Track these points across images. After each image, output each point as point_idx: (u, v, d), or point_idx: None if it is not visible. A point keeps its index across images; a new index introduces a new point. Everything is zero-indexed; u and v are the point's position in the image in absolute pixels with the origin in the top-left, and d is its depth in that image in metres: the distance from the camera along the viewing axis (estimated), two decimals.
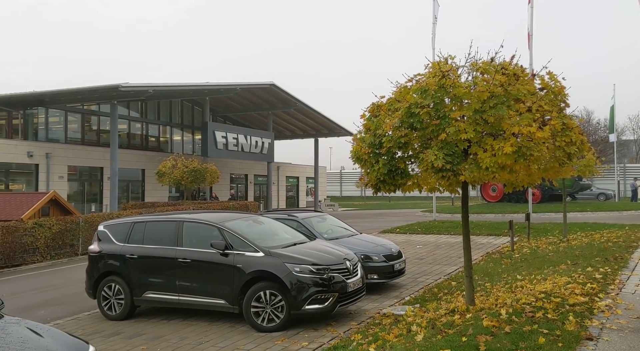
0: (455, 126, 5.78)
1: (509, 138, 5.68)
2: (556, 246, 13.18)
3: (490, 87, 5.78)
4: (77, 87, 25.52)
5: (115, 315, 8.84)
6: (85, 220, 18.31)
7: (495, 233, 18.18)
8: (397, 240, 15.55)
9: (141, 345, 7.39)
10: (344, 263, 8.15)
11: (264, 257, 7.91)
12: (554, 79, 6.21)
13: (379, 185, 6.65)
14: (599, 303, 6.45)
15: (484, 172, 5.80)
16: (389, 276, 10.08)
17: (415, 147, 6.33)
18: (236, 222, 8.77)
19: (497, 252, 13.89)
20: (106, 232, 9.36)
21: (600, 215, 24.90)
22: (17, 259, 15.89)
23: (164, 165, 25.93)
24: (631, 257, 10.47)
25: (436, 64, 6.18)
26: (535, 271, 9.56)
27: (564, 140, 5.94)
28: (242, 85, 32.09)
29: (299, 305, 7.56)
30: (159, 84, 28.13)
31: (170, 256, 8.51)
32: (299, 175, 47.31)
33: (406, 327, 6.47)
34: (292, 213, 11.17)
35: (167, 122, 36.14)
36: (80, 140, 30.72)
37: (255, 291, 7.78)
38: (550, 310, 6.05)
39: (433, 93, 5.90)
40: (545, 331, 5.28)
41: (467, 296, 6.95)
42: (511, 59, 6.25)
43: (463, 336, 5.36)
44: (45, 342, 4.11)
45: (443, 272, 11.68)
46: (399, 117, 6.09)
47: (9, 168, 26.40)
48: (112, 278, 8.96)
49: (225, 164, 36.22)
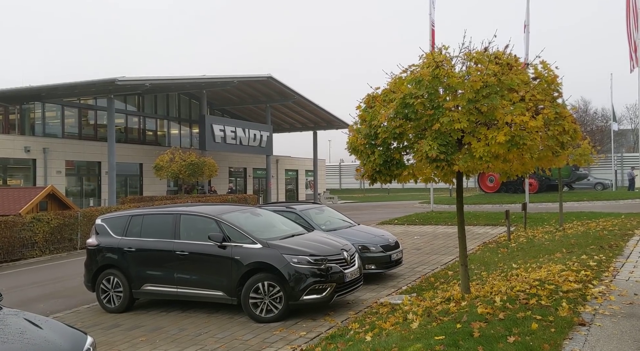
0: (449, 116, 5.82)
1: (502, 128, 5.72)
2: (552, 235, 13.26)
3: (483, 77, 5.82)
4: (73, 82, 25.45)
5: (114, 308, 8.91)
6: (83, 214, 18.36)
7: (493, 223, 18.26)
8: (395, 231, 15.63)
9: (140, 337, 7.46)
10: (342, 253, 8.21)
11: (261, 248, 7.96)
12: (547, 68, 6.25)
13: (375, 175, 6.70)
14: (593, 290, 6.52)
15: (478, 162, 5.85)
16: (386, 266, 10.15)
17: (410, 138, 6.37)
18: (234, 214, 8.82)
19: (493, 242, 13.97)
20: (104, 225, 9.40)
21: (597, 204, 25.00)
22: (16, 254, 15.94)
23: (162, 159, 25.94)
24: (626, 244, 10.55)
25: (430, 55, 6.21)
26: (530, 260, 9.64)
27: (557, 129, 5.99)
28: (239, 78, 32.02)
29: (297, 296, 7.63)
30: (155, 77, 28.05)
31: (168, 249, 8.56)
32: (298, 168, 47.29)
33: (402, 315, 6.55)
34: (290, 206, 11.23)
35: (165, 116, 36.07)
36: (77, 135, 30.66)
37: (253, 282, 7.84)
38: (544, 296, 6.12)
39: (427, 83, 5.94)
40: (539, 317, 5.35)
41: (463, 284, 7.03)
42: (505, 49, 6.29)
43: (458, 323, 5.43)
44: (44, 333, 4.16)
45: (440, 262, 11.76)
46: (394, 107, 6.12)
47: (7, 164, 26.38)
48: (110, 271, 9.01)
49: (224, 158, 36.22)
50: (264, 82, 33.84)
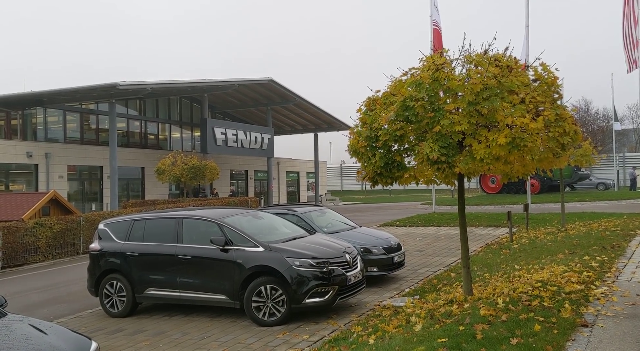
0: (450, 118, 5.83)
1: (502, 130, 5.73)
2: (554, 236, 13.25)
3: (483, 79, 5.84)
4: (75, 86, 25.52)
5: (117, 312, 8.92)
6: (85, 219, 18.39)
7: (495, 224, 18.24)
8: (397, 233, 15.64)
9: (144, 341, 7.47)
10: (344, 256, 8.22)
11: (264, 251, 7.97)
12: (547, 70, 6.26)
13: (376, 178, 6.72)
14: (595, 291, 6.52)
15: (479, 163, 5.86)
16: (388, 268, 10.15)
17: (411, 140, 6.39)
18: (235, 217, 8.83)
19: (496, 243, 13.96)
20: (106, 230, 9.43)
21: (599, 205, 24.97)
22: (19, 259, 15.98)
23: (163, 163, 25.99)
24: (629, 245, 10.54)
25: (430, 58, 6.23)
26: (533, 261, 9.63)
27: (557, 131, 6.00)
28: (240, 81, 32.09)
29: (299, 299, 7.63)
30: (156, 81, 28.13)
31: (171, 253, 8.58)
32: (299, 170, 47.33)
33: (405, 318, 6.55)
34: (292, 208, 11.24)
35: (166, 120, 36.15)
36: (79, 140, 30.75)
37: (255, 286, 7.85)
38: (547, 298, 6.12)
39: (427, 86, 5.96)
40: (541, 318, 5.36)
41: (465, 286, 7.03)
42: (505, 51, 6.30)
43: (460, 325, 5.44)
44: (49, 339, 4.18)
45: (442, 264, 11.76)
46: (394, 110, 6.15)
47: (9, 169, 26.46)
48: (113, 275, 9.03)
49: (225, 160, 36.27)
50: (264, 85, 33.91)
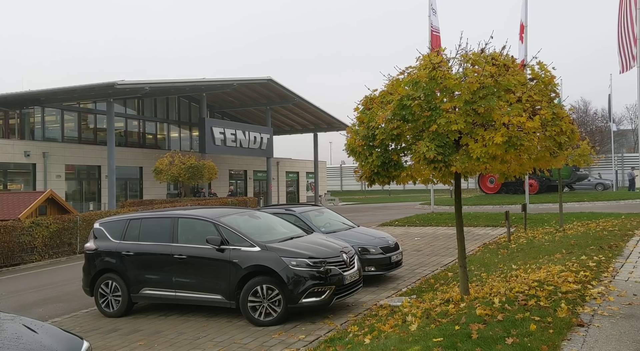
0: (446, 117, 5.81)
1: (499, 129, 5.70)
2: (552, 236, 13.23)
3: (480, 78, 5.81)
4: (73, 86, 25.46)
5: (112, 312, 8.89)
6: (82, 218, 18.34)
7: (493, 224, 18.22)
8: (395, 233, 15.61)
9: (139, 341, 7.44)
10: (341, 255, 8.18)
11: (260, 251, 7.93)
12: (543, 69, 6.24)
13: (373, 177, 6.69)
14: (592, 290, 6.50)
15: (475, 163, 5.84)
16: (386, 268, 10.12)
17: (408, 139, 6.36)
18: (232, 217, 8.79)
19: (493, 243, 13.94)
20: (102, 229, 9.38)
21: (597, 205, 24.96)
22: (15, 258, 15.93)
23: (161, 162, 25.96)
24: (626, 245, 10.52)
25: (427, 56, 6.19)
26: (530, 261, 9.61)
27: (554, 130, 5.97)
28: (239, 81, 32.05)
29: (296, 299, 7.60)
30: (155, 80, 28.07)
31: (166, 252, 8.54)
32: (298, 170, 47.30)
33: (402, 318, 6.53)
34: (290, 208, 11.21)
35: (164, 119, 36.09)
36: (77, 139, 30.70)
37: (252, 285, 7.81)
38: (543, 297, 6.10)
39: (424, 85, 5.93)
40: (537, 318, 5.33)
41: (462, 286, 7.01)
42: (502, 50, 6.28)
43: (456, 324, 5.41)
44: (40, 338, 4.15)
45: (440, 263, 11.74)
46: (391, 109, 6.12)
47: (7, 168, 26.40)
48: (109, 275, 8.99)
49: (224, 160, 36.22)
50: (264, 84, 33.87)
